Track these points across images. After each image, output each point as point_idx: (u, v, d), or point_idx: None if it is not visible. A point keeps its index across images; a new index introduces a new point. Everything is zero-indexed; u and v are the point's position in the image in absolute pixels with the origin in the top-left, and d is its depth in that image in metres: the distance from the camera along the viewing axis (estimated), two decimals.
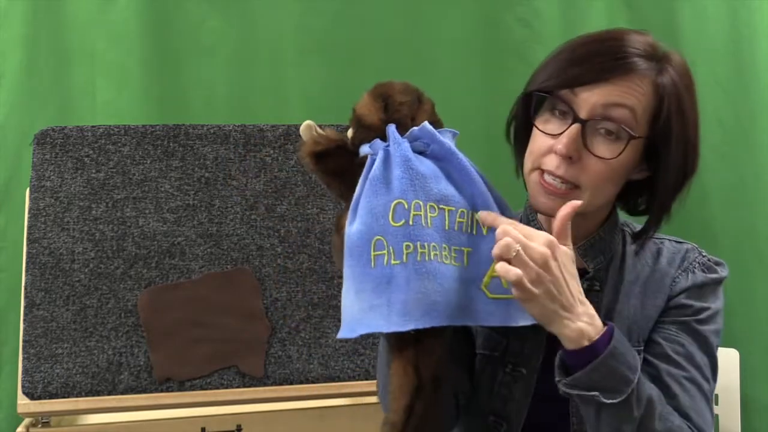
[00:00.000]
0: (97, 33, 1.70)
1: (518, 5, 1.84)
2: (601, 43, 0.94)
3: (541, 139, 0.94)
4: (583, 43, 0.95)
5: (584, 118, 0.90)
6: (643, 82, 0.91)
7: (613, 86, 0.90)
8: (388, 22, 1.81)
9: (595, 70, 0.91)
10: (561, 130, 0.92)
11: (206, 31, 1.75)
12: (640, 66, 0.91)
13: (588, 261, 1.00)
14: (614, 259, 1.02)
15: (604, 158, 0.91)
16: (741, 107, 1.88)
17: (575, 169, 0.91)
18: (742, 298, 1.85)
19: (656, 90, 0.92)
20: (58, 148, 1.42)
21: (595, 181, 0.92)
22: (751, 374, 1.80)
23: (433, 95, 0.96)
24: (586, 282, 0.99)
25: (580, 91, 0.91)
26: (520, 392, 1.01)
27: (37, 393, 1.34)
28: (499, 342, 1.03)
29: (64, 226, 1.39)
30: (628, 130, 0.90)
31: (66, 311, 1.37)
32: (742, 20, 1.88)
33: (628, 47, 0.92)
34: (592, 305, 0.98)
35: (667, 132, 0.92)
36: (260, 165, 1.46)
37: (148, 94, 1.71)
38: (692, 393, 0.95)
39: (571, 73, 0.92)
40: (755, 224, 1.87)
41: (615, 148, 0.91)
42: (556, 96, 0.93)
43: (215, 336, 1.40)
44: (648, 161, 0.96)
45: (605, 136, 0.91)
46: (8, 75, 1.67)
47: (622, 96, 0.90)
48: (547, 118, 0.94)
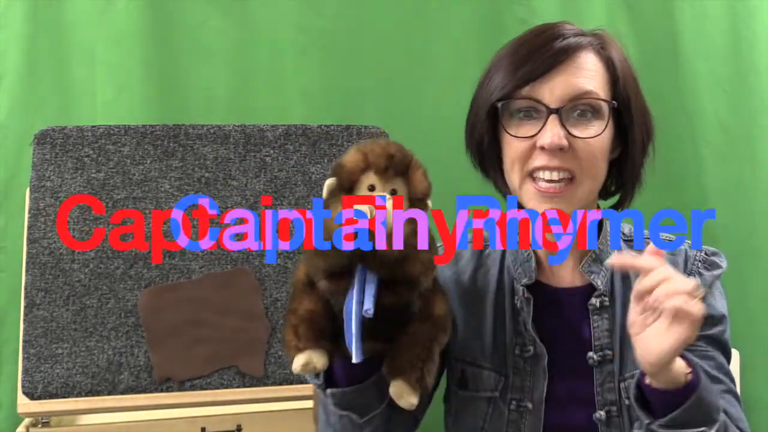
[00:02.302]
0: (97, 33, 1.70)
1: (518, 5, 1.84)
2: (538, 36, 0.94)
3: (519, 142, 0.92)
4: (520, 44, 0.95)
5: (557, 107, 0.90)
6: (591, 56, 0.93)
7: (568, 69, 0.90)
8: (387, 22, 1.81)
9: (545, 59, 0.90)
10: (536, 129, 0.91)
11: (206, 31, 1.75)
12: (582, 42, 0.93)
13: (595, 277, 0.98)
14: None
15: (592, 137, 0.90)
16: (741, 107, 1.88)
17: (566, 157, 0.90)
18: (742, 298, 1.85)
19: (605, 60, 0.94)
20: (58, 148, 1.42)
21: (589, 166, 0.91)
22: (751, 374, 1.80)
23: (432, 95, 0.96)
24: (597, 299, 0.97)
25: (540, 85, 0.90)
26: (528, 428, 0.98)
27: (37, 393, 1.34)
28: (497, 381, 1.00)
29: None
30: (605, 99, 0.91)
31: (66, 311, 1.37)
32: (742, 20, 1.88)
33: (563, 31, 0.93)
34: (605, 322, 0.98)
35: (627, 98, 0.94)
36: (260, 165, 1.46)
37: (148, 94, 1.71)
38: (734, 403, 0.95)
39: (523, 71, 0.91)
40: (755, 224, 1.87)
41: (596, 125, 0.91)
42: (518, 98, 0.92)
43: (215, 336, 1.40)
44: (618, 138, 0.96)
45: (580, 119, 0.91)
46: (8, 75, 1.67)
47: (581, 75, 0.91)
48: (516, 124, 0.93)
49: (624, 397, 0.95)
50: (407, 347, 0.86)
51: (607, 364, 0.97)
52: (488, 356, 1.01)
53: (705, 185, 1.86)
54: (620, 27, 1.90)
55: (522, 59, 0.92)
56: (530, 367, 0.98)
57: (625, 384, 0.96)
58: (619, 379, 0.96)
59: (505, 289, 1.02)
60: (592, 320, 0.98)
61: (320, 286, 0.85)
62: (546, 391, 0.97)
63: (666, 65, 1.89)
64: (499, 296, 1.02)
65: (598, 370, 0.97)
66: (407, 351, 0.86)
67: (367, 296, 0.80)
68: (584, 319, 0.98)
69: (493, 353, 1.00)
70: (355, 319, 0.80)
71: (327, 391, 0.90)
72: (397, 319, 0.86)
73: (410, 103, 1.79)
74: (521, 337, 0.99)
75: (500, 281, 1.03)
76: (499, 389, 0.99)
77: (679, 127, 1.89)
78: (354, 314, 0.80)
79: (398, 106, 1.79)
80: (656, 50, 1.90)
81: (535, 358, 0.98)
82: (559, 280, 1.01)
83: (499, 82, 0.93)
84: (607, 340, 0.97)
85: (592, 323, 0.98)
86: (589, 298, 0.98)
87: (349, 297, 0.81)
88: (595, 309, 0.98)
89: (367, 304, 0.79)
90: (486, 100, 0.95)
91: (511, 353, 1.00)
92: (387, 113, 1.75)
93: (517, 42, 0.95)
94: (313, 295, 0.87)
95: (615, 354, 0.97)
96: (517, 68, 0.91)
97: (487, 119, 0.95)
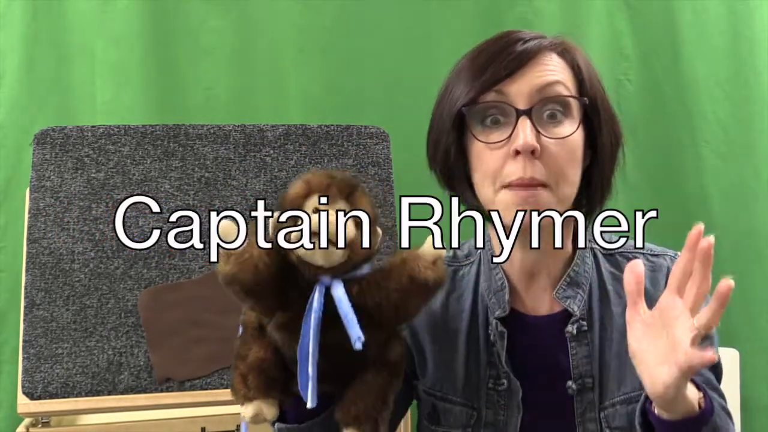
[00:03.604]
0: (97, 33, 1.70)
1: (518, 5, 1.84)
2: (497, 42, 0.90)
3: (490, 153, 0.87)
4: (478, 53, 0.90)
5: (526, 107, 0.85)
6: (553, 57, 0.89)
7: (533, 68, 0.86)
8: (388, 22, 1.82)
9: (506, 63, 0.86)
10: (506, 134, 0.86)
11: (206, 31, 1.75)
12: (543, 44, 0.88)
13: (571, 302, 0.93)
14: (593, 288, 0.95)
15: (565, 136, 0.86)
16: (741, 107, 1.88)
17: (539, 166, 0.85)
18: (742, 298, 1.85)
19: (567, 61, 0.90)
20: (58, 148, 1.41)
21: (564, 169, 0.86)
22: (751, 374, 1.81)
23: (432, 95, 0.96)
24: (574, 325, 0.93)
25: (505, 88, 0.86)
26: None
27: (37, 393, 1.34)
28: (469, 416, 0.96)
29: (64, 226, 1.39)
30: (575, 96, 0.88)
31: (66, 311, 1.37)
32: (742, 20, 1.88)
33: (522, 36, 0.89)
34: (584, 348, 0.93)
35: (594, 98, 0.90)
36: (260, 165, 1.46)
37: (148, 94, 1.72)
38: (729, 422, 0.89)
39: (486, 76, 0.86)
40: (755, 224, 1.88)
41: (567, 125, 0.87)
42: (484, 103, 0.87)
43: (215, 336, 1.40)
44: (587, 145, 0.91)
45: (551, 120, 0.87)
46: (8, 75, 1.67)
47: (547, 74, 0.87)
48: (484, 132, 0.88)
49: (605, 426, 0.92)
50: (363, 396, 0.84)
51: (587, 393, 0.93)
52: (460, 390, 0.96)
53: (705, 185, 1.86)
54: (620, 27, 1.90)
55: (483, 65, 0.88)
56: (504, 401, 0.95)
57: (605, 413, 0.93)
58: (600, 408, 0.93)
59: (479, 320, 0.97)
60: (570, 347, 0.93)
61: (271, 336, 0.82)
62: (521, 425, 0.94)
63: (666, 65, 1.89)
64: (473, 327, 0.97)
65: (578, 399, 0.94)
66: (363, 400, 0.83)
67: (351, 324, 0.75)
68: (562, 347, 0.94)
69: (465, 387, 0.96)
70: (312, 361, 0.76)
71: (275, 426, 0.89)
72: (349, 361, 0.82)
73: (410, 103, 1.78)
74: (495, 369, 0.95)
75: (474, 309, 0.98)
76: (471, 425, 0.96)
77: (679, 127, 1.90)
78: (310, 356, 0.77)
79: (398, 106, 1.79)
80: (656, 50, 1.90)
81: (509, 392, 0.94)
82: (535, 308, 0.96)
83: (461, 90, 0.89)
84: (587, 367, 0.93)
85: (570, 351, 0.93)
86: (566, 324, 0.93)
87: (303, 338, 0.78)
88: (573, 336, 0.93)
89: (355, 333, 0.75)
90: (449, 110, 0.90)
91: (484, 387, 0.96)
92: (387, 113, 1.76)
93: (474, 52, 0.91)
94: (263, 342, 0.84)
95: (595, 381, 0.93)
96: (479, 74, 0.87)
97: (452, 129, 0.90)
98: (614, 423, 0.93)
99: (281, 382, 0.84)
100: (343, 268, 0.78)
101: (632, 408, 0.88)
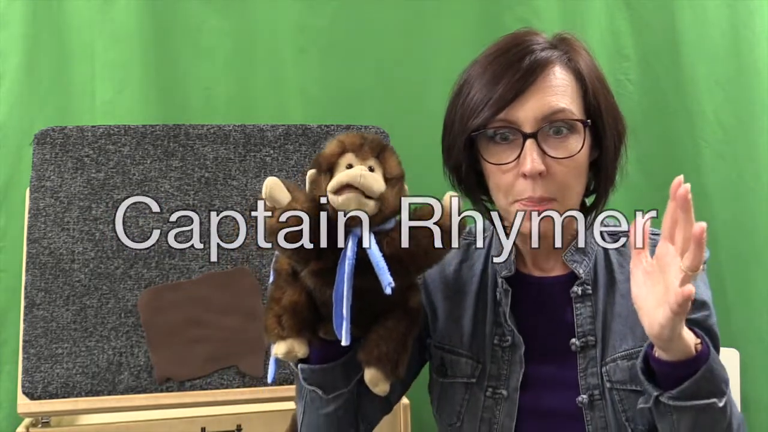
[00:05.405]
0: (97, 33, 1.70)
1: (518, 5, 1.84)
2: (507, 54, 0.94)
3: (501, 174, 0.94)
4: (490, 61, 0.95)
5: (532, 131, 0.91)
6: (561, 70, 0.93)
7: (539, 89, 0.91)
8: (387, 22, 1.81)
9: (516, 81, 0.91)
10: (514, 154, 0.92)
11: (206, 31, 1.75)
12: (551, 56, 0.93)
13: (577, 266, 1.00)
14: (598, 258, 1.02)
15: (572, 155, 0.91)
16: (741, 107, 1.88)
17: (547, 184, 0.91)
18: (742, 297, 1.85)
19: (573, 71, 0.94)
20: (58, 148, 1.42)
21: (571, 184, 0.93)
22: (751, 374, 1.80)
23: (432, 95, 0.97)
24: (579, 287, 1.00)
25: (513, 110, 0.91)
26: (503, 414, 1.00)
27: (37, 393, 1.34)
28: (474, 367, 1.03)
29: (64, 226, 1.39)
30: (579, 119, 0.92)
31: (66, 311, 1.37)
32: (742, 21, 1.88)
33: (532, 45, 0.94)
34: (588, 309, 0.99)
35: (597, 104, 0.95)
36: (260, 165, 1.46)
37: (148, 94, 1.71)
38: None
39: (495, 98, 0.91)
40: (755, 224, 1.87)
41: (573, 141, 0.92)
42: (493, 126, 0.92)
43: (215, 336, 1.40)
44: (594, 145, 0.97)
45: (557, 136, 0.92)
46: (8, 75, 1.67)
47: (553, 93, 0.91)
48: (493, 150, 0.94)
49: (606, 380, 0.97)
50: (386, 339, 0.92)
51: (590, 350, 0.99)
52: (467, 344, 1.03)
53: (704, 185, 1.86)
54: (620, 27, 1.90)
55: (493, 80, 0.92)
56: (507, 356, 1.01)
57: (607, 368, 0.98)
58: (601, 364, 0.98)
59: (488, 282, 1.05)
60: (575, 307, 1.00)
61: (305, 281, 0.89)
62: (523, 378, 0.99)
63: (666, 65, 1.89)
64: (482, 288, 1.05)
65: (581, 355, 0.99)
66: (385, 343, 0.92)
67: (382, 271, 0.83)
68: (567, 306, 1.00)
69: (471, 342, 1.03)
70: (346, 304, 0.84)
71: (298, 366, 0.96)
72: (374, 306, 0.91)
73: (410, 103, 1.79)
74: (500, 328, 1.02)
75: (484, 273, 1.06)
76: (476, 376, 1.02)
77: (678, 126, 1.89)
78: (345, 299, 0.84)
79: (398, 106, 1.79)
80: (656, 50, 1.90)
81: (513, 348, 1.00)
82: (541, 271, 1.03)
83: (473, 106, 0.94)
84: (590, 326, 0.99)
85: (575, 310, 0.99)
86: (572, 286, 1.00)
87: (338, 283, 0.85)
88: (578, 296, 1.00)
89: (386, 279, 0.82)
90: (462, 128, 0.95)
91: (490, 343, 1.02)
92: (387, 113, 1.76)
93: (488, 57, 0.96)
94: (296, 286, 0.91)
95: (597, 340, 0.99)
96: (489, 91, 0.92)
97: (464, 149, 0.96)
98: (615, 377, 0.97)
99: (312, 323, 0.92)
100: (375, 221, 0.86)
101: (632, 363, 0.95)
